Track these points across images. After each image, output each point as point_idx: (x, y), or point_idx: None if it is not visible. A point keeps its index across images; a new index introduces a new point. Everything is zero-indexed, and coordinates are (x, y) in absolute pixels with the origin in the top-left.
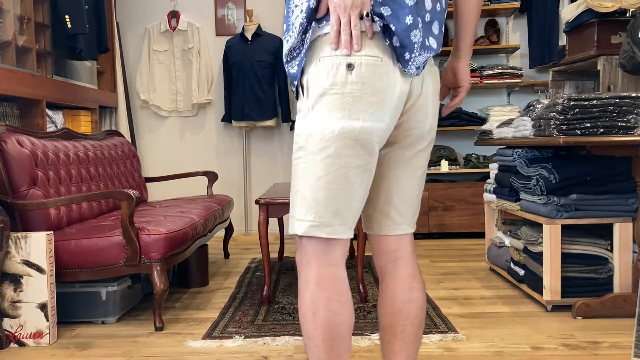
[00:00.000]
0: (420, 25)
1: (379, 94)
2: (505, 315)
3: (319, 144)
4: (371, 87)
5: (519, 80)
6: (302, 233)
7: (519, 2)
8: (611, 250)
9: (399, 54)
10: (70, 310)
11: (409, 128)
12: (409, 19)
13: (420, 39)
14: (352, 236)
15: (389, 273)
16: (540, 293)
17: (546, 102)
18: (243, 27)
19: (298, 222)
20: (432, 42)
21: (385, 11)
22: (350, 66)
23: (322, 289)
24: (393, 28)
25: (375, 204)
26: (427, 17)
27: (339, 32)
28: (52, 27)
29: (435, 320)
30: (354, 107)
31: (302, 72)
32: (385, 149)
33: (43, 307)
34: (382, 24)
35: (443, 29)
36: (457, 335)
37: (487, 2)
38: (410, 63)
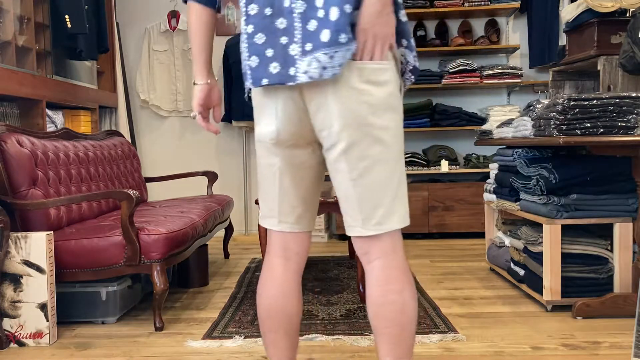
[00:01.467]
0: (268, 42)
1: (263, 104)
2: (505, 315)
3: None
4: (257, 100)
5: (519, 80)
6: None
7: (519, 2)
8: (611, 250)
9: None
10: (70, 310)
11: (317, 130)
12: (258, 38)
13: (273, 54)
14: (284, 229)
15: (367, 275)
16: (540, 293)
17: (546, 102)
18: None
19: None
20: (324, 36)
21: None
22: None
23: (262, 274)
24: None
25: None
26: (321, 11)
27: None
28: (52, 27)
29: (435, 320)
30: (256, 116)
31: None
32: (319, 152)
33: (43, 307)
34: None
35: (348, 9)
36: (457, 335)
37: (487, 2)
38: (296, 72)
